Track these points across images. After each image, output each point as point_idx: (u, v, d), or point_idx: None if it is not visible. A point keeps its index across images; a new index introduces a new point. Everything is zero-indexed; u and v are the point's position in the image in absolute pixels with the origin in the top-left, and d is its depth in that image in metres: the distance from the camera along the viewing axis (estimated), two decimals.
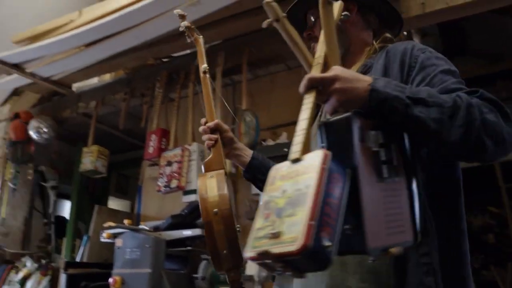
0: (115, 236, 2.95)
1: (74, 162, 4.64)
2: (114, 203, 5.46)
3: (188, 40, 1.61)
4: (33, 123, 3.97)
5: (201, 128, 1.43)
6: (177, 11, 1.54)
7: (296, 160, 0.86)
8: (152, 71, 3.50)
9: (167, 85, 3.31)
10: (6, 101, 4.58)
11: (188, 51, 3.35)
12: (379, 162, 0.90)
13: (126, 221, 3.06)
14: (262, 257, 0.76)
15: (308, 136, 0.90)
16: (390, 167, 0.92)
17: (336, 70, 0.94)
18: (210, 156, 1.38)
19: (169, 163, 3.00)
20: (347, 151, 0.87)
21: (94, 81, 3.84)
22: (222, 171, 1.34)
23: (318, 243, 0.74)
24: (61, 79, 3.76)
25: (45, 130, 3.98)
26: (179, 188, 2.96)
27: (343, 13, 1.13)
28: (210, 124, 1.41)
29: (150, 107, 3.37)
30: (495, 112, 0.96)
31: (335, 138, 0.90)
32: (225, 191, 1.26)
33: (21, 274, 3.93)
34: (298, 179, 0.82)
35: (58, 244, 4.59)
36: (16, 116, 4.12)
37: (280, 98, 3.34)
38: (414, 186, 0.98)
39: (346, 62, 1.29)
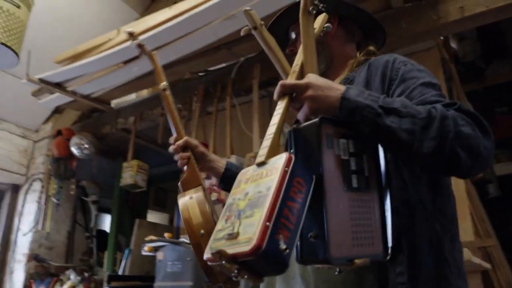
0: (156, 249, 2.98)
1: (114, 177, 4.73)
2: (153, 216, 5.53)
3: (141, 58, 1.61)
4: (75, 140, 4.08)
5: (171, 148, 1.42)
6: (127, 29, 1.57)
7: (261, 164, 0.87)
8: (189, 85, 3.55)
9: (204, 98, 3.34)
10: (48, 119, 4.73)
11: (223, 65, 3.38)
12: (348, 171, 0.89)
13: (166, 235, 3.09)
14: (218, 258, 0.75)
15: (276, 141, 0.90)
16: (361, 178, 0.91)
17: (310, 77, 0.95)
18: (185, 174, 1.39)
19: (208, 176, 3.02)
20: (314, 157, 0.86)
21: (132, 97, 3.91)
22: (200, 187, 1.34)
23: (274, 245, 0.72)
24: (100, 96, 3.85)
25: (86, 146, 4.08)
26: (219, 201, 2.97)
27: (325, 25, 1.16)
28: (180, 142, 1.40)
29: (187, 121, 3.41)
30: (472, 125, 0.93)
31: (303, 144, 0.90)
32: (207, 209, 1.25)
33: (65, 287, 4.01)
34: (260, 182, 0.82)
35: (99, 257, 4.67)
36: (59, 133, 4.24)
37: None
38: (388, 199, 0.97)
39: (329, 76, 1.30)
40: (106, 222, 5.27)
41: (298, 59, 1.06)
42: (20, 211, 4.52)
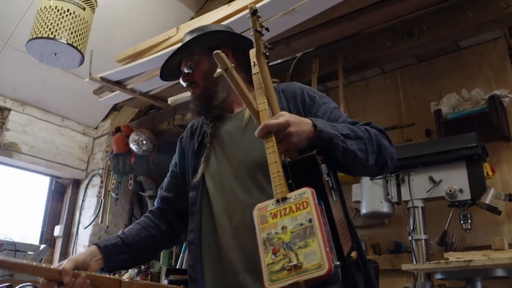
0: None
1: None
2: None
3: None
4: (133, 136, 4.19)
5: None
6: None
7: (284, 199, 1.01)
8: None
9: None
10: (107, 116, 4.88)
11: (280, 60, 3.38)
12: (330, 189, 1.09)
13: None
14: (293, 287, 0.90)
15: (283, 176, 1.05)
16: (334, 191, 1.12)
17: (285, 116, 1.10)
18: None
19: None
20: (316, 185, 1.02)
21: (188, 94, 3.96)
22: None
23: (334, 264, 0.91)
24: (157, 93, 3.93)
25: (144, 142, 4.19)
26: None
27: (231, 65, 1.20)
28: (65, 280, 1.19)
29: None
30: (386, 137, 1.26)
31: (299, 174, 1.06)
32: None
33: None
34: (296, 215, 0.97)
35: None
36: (118, 130, 4.36)
37: (376, 103, 3.28)
38: (343, 201, 1.23)
39: (230, 103, 1.46)
40: None
41: (262, 97, 1.18)
42: (81, 205, 4.69)
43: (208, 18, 3.04)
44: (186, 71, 1.50)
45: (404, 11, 2.79)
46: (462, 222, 2.32)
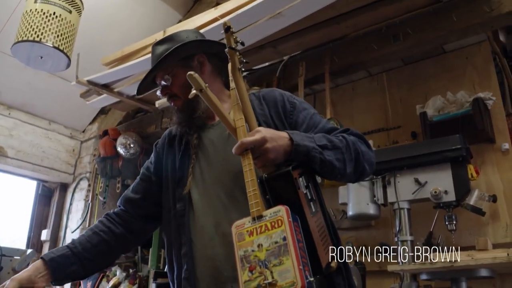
0: None
1: None
2: None
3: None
4: (121, 140, 4.17)
5: None
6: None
7: (259, 217, 1.04)
8: None
9: None
10: (94, 120, 4.86)
11: (267, 63, 3.39)
12: (308, 201, 1.12)
13: None
14: None
15: (259, 194, 1.08)
16: (314, 202, 1.15)
17: (262, 132, 1.13)
18: None
19: None
20: (292, 200, 1.07)
21: None
22: None
23: (307, 281, 0.95)
24: (145, 97, 3.92)
25: (132, 145, 4.17)
26: None
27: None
28: None
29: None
30: (364, 143, 1.29)
31: (275, 190, 1.09)
32: None
33: (111, 283, 4.11)
34: (271, 233, 1.01)
35: (144, 254, 4.76)
36: (105, 133, 4.34)
37: (362, 106, 3.30)
38: (325, 209, 1.26)
39: (210, 114, 1.45)
40: None
41: (239, 113, 1.21)
42: (68, 209, 4.67)
43: (196, 21, 3.05)
44: (164, 83, 1.49)
45: (390, 15, 2.83)
46: (447, 223, 2.34)
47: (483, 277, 2.15)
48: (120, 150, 4.18)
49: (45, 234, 4.59)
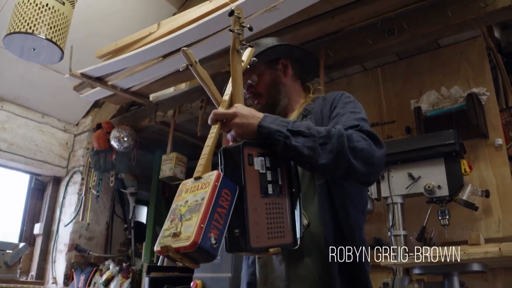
0: None
1: (152, 169, 4.81)
2: None
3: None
4: (114, 133, 4.16)
5: None
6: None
7: (198, 178, 1.11)
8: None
9: None
10: (88, 113, 4.83)
11: None
12: (266, 182, 1.15)
13: None
14: (165, 251, 0.99)
15: (209, 159, 1.15)
16: (275, 186, 1.18)
17: (237, 107, 1.20)
18: None
19: None
20: (238, 172, 1.12)
21: (170, 90, 3.95)
22: None
23: (207, 241, 0.97)
24: (139, 90, 3.90)
25: (125, 139, 4.16)
26: None
27: (252, 59, 1.38)
28: None
29: None
30: (368, 140, 1.21)
31: (229, 162, 1.16)
32: None
33: (104, 277, 4.10)
34: (197, 193, 1.07)
35: (137, 248, 4.76)
36: (99, 126, 4.32)
37: (358, 100, 3.29)
38: (298, 202, 1.27)
39: (287, 108, 1.57)
40: (144, 214, 5.36)
41: (228, 89, 1.29)
42: (61, 203, 4.65)
43: (190, 15, 3.02)
44: (249, 82, 1.59)
45: (385, 9, 2.81)
46: (440, 218, 2.35)
47: (475, 272, 2.16)
48: (114, 143, 4.17)
49: (38, 228, 4.58)
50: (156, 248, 1.03)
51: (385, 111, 3.16)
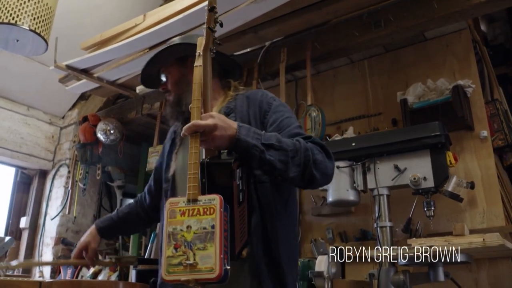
0: None
1: (139, 162, 4.78)
2: None
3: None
4: (101, 126, 4.13)
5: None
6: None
7: (194, 200, 1.10)
8: None
9: None
10: (74, 105, 4.78)
11: (248, 49, 3.36)
12: (238, 191, 1.19)
13: None
14: (187, 283, 1.05)
15: (198, 177, 1.13)
16: (243, 193, 1.22)
17: (215, 118, 1.19)
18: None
19: None
20: (226, 191, 1.13)
21: None
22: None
23: (224, 268, 1.04)
24: (125, 82, 3.87)
25: (112, 131, 4.13)
26: None
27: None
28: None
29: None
30: (322, 153, 1.34)
31: (214, 176, 1.16)
32: None
33: (91, 270, 4.08)
34: (201, 219, 1.08)
35: (125, 242, 4.73)
36: (85, 119, 4.29)
37: (344, 92, 3.30)
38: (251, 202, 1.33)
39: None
40: None
41: (198, 93, 1.22)
42: (48, 196, 4.61)
43: (176, 6, 3.00)
44: (163, 79, 1.66)
45: (372, 1, 2.82)
46: (425, 209, 2.36)
47: (460, 262, 2.17)
48: (100, 136, 4.14)
49: (24, 222, 4.54)
50: (167, 277, 1.06)
51: (372, 103, 3.17)
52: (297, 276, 1.47)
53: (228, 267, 1.06)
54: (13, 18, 2.67)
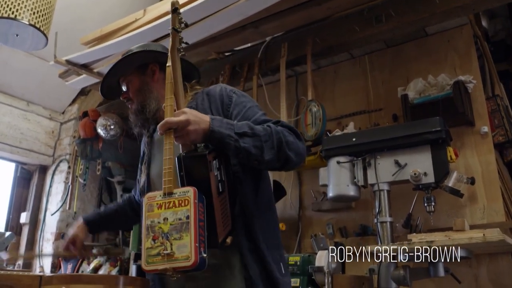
0: None
1: (138, 157, 4.76)
2: None
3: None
4: (101, 121, 4.11)
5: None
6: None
7: (169, 193, 1.16)
8: (215, 65, 3.54)
9: (231, 78, 3.34)
10: (74, 101, 4.77)
11: (249, 44, 3.35)
12: (217, 181, 1.24)
13: None
14: (165, 271, 1.11)
15: (173, 172, 1.19)
16: (222, 183, 1.27)
17: (187, 114, 1.22)
18: None
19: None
20: (203, 182, 1.18)
21: None
22: None
23: (201, 256, 1.09)
24: None
25: (112, 127, 4.12)
26: None
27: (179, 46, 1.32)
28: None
29: None
30: (292, 134, 1.39)
31: (191, 169, 1.20)
32: None
33: (92, 265, 4.09)
34: (177, 210, 1.13)
35: (125, 237, 4.73)
36: (85, 114, 4.27)
37: (345, 88, 3.30)
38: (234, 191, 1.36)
39: (161, 116, 1.52)
40: None
41: (170, 92, 1.28)
42: (48, 191, 4.60)
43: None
44: (123, 88, 1.67)
45: None
46: (426, 205, 2.36)
47: (460, 258, 2.18)
48: (100, 131, 4.12)
49: (24, 217, 4.53)
50: (148, 268, 1.13)
51: (372, 99, 3.17)
52: (280, 256, 1.50)
53: (205, 255, 1.11)
54: (12, 13, 2.66)
